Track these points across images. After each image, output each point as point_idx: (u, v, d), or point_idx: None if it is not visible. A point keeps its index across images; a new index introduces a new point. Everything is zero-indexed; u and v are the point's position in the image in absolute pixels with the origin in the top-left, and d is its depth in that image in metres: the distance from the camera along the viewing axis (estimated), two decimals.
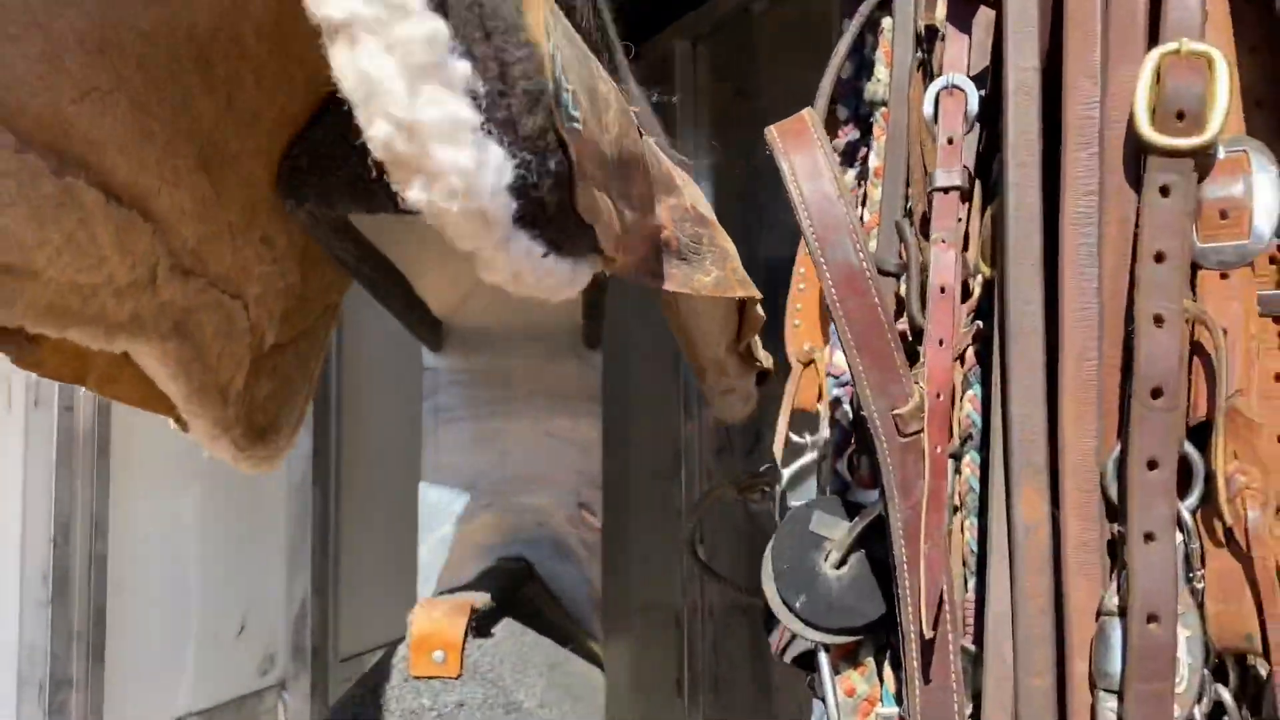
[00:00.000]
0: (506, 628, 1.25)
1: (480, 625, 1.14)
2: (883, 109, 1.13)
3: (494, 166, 0.47)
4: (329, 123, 0.76)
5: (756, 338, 1.25)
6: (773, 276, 2.46)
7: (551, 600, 1.88)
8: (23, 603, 1.69)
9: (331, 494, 2.39)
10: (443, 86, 0.43)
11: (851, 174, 1.21)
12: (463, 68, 0.44)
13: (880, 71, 1.14)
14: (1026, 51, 0.78)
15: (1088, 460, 0.69)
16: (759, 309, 1.11)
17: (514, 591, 1.51)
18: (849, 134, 1.24)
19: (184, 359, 0.77)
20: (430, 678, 1.06)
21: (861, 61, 1.20)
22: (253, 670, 2.22)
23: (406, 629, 1.09)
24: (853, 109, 1.23)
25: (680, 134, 2.61)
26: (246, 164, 0.76)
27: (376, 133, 0.43)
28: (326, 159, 0.76)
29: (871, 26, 1.15)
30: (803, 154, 0.87)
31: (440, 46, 0.43)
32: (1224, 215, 0.70)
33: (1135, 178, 0.72)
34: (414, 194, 0.46)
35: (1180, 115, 0.68)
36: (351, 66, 0.41)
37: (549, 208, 0.53)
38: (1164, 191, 0.68)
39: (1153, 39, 0.72)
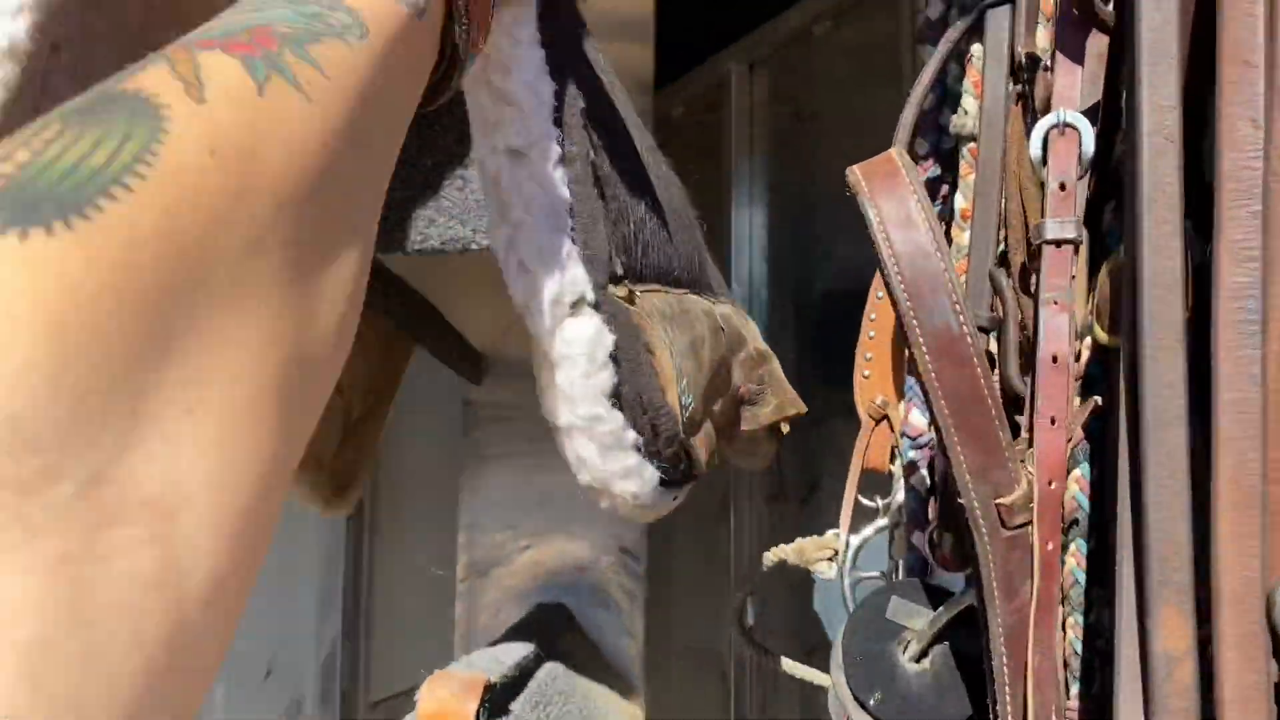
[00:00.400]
0: (526, 700, 1.14)
1: (495, 703, 1.03)
2: (970, 144, 1.02)
3: (649, 479, 0.75)
4: None
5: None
6: (829, 310, 2.37)
7: (592, 650, 1.79)
8: None
9: (365, 531, 2.31)
10: (620, 450, 0.71)
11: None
12: (632, 435, 0.72)
13: (968, 103, 1.03)
14: (1165, 88, 0.67)
15: (1252, 588, 0.57)
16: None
17: (550, 648, 1.41)
18: (929, 169, 1.14)
19: None
20: None
21: (944, 92, 1.11)
22: (279, 715, 2.15)
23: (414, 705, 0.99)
24: (933, 143, 1.14)
25: (735, 160, 2.53)
26: None
27: (583, 480, 0.72)
28: None
29: (956, 55, 1.05)
30: (893, 199, 0.76)
31: (619, 430, 0.70)
32: None
33: None
34: (603, 504, 0.75)
35: None
36: (571, 450, 0.71)
37: (679, 482, 0.82)
38: None
39: None
